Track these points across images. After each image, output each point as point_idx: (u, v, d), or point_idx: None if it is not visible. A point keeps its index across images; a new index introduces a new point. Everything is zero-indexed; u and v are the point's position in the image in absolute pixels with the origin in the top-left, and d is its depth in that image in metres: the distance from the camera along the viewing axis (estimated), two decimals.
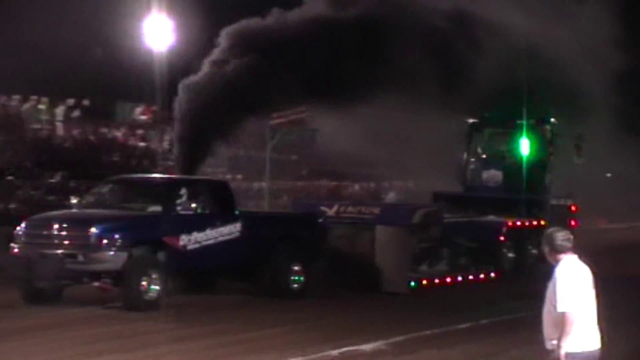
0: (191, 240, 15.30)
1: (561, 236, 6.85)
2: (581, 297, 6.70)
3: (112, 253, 14.14)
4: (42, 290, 14.70)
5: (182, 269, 15.43)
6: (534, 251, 20.87)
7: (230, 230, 16.02)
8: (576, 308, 6.61)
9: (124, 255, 14.19)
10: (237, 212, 16.48)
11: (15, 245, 14.83)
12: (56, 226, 14.65)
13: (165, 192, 16.10)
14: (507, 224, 20.90)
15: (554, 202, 22.12)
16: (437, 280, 18.53)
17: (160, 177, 18.22)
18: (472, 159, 22.83)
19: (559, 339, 6.59)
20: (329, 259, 17.53)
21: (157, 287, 14.41)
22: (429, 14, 21.31)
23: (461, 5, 22.17)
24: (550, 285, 6.79)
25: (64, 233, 14.53)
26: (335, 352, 11.64)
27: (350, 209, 19.12)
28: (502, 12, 21.81)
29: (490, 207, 21.44)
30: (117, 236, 14.25)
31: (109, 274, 14.24)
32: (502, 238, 20.63)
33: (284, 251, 16.88)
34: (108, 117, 29.10)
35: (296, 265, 16.93)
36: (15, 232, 15.07)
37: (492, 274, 20.12)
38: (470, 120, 22.93)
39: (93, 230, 14.32)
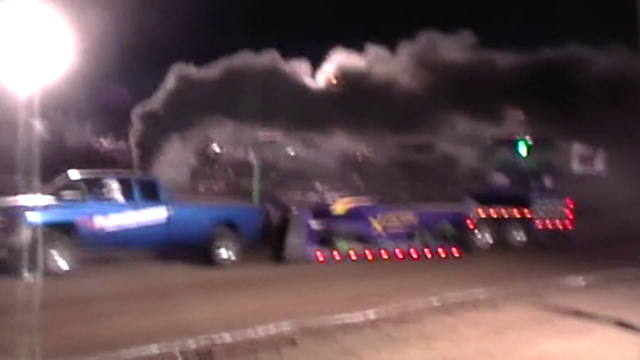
0: (109, 222, 17.10)
1: None
2: None
3: (21, 231, 15.55)
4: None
5: (101, 244, 17.03)
6: (517, 236, 23.69)
7: (156, 216, 17.77)
8: None
9: (29, 232, 15.49)
10: (164, 202, 17.89)
11: None
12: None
13: (83, 185, 17.60)
14: (477, 213, 22.75)
15: (546, 198, 24.54)
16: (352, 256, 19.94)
17: (85, 172, 19.89)
18: (491, 167, 26.65)
19: None
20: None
21: (64, 259, 16.09)
22: None
23: None
24: None
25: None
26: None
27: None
28: None
29: (499, 200, 23.75)
30: (27, 218, 15.82)
31: (15, 247, 15.60)
32: (470, 224, 22.42)
33: (216, 233, 18.55)
34: None
35: (228, 243, 18.60)
36: None
37: (455, 252, 21.43)
38: (489, 140, 26.94)
39: (10, 213, 16.30)
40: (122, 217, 17.38)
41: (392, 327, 11.60)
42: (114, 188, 17.70)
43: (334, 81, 27.71)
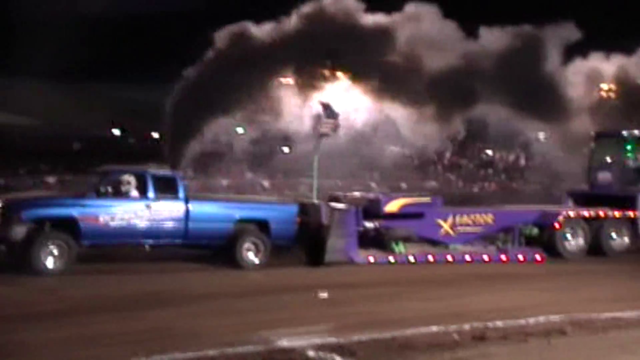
0: (115, 218, 15.66)
1: None
2: None
3: (15, 226, 15.00)
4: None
5: (105, 242, 15.88)
6: (618, 240, 20.50)
7: (171, 212, 16.23)
8: None
9: (23, 229, 15.01)
10: (182, 197, 16.37)
11: None
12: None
13: (89, 180, 16.72)
14: (566, 213, 20.02)
15: None
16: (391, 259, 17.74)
17: (98, 169, 17.46)
18: (593, 164, 23.21)
19: None
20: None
21: (56, 257, 14.89)
22: None
23: None
24: None
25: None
26: None
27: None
28: None
29: (601, 201, 21.18)
30: (21, 214, 15.12)
31: (10, 243, 15.15)
32: (557, 226, 19.66)
33: (241, 231, 16.77)
34: None
35: (255, 243, 16.74)
36: None
37: (537, 257, 19.05)
38: (592, 133, 23.53)
39: (8, 208, 15.44)
40: (130, 213, 15.79)
41: None
42: (124, 182, 16.16)
43: (606, 89, 24.72)
